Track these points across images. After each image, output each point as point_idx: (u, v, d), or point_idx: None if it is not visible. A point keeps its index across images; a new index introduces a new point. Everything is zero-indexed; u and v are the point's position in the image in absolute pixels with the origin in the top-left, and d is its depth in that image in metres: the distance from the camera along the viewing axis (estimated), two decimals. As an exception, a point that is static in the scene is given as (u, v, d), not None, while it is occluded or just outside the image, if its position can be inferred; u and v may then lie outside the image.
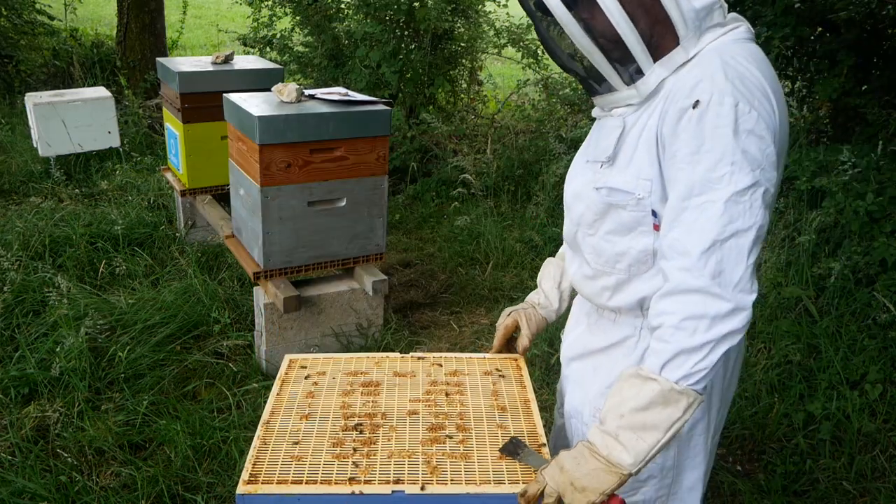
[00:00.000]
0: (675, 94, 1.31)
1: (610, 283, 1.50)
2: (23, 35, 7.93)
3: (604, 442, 1.29)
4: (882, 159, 3.70)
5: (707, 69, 1.28)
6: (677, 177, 1.28)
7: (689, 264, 1.24)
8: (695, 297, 1.24)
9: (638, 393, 1.27)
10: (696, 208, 1.25)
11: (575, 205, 1.54)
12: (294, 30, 6.57)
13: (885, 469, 2.70)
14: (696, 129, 1.25)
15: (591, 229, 1.50)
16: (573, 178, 1.58)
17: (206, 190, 4.29)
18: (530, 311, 1.79)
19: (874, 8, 4.05)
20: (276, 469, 1.44)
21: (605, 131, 1.46)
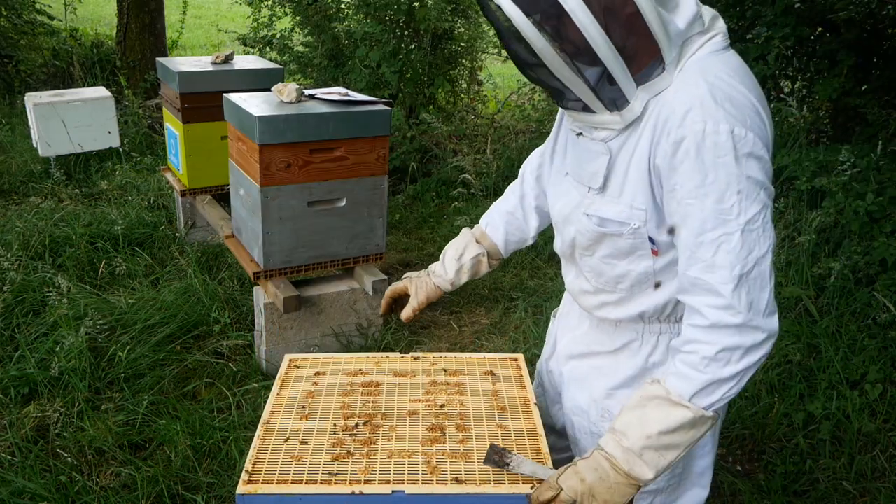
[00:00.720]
0: (664, 121, 1.27)
1: (611, 300, 1.52)
2: (23, 35, 7.93)
3: (625, 457, 1.30)
4: (882, 159, 3.70)
5: (694, 94, 1.25)
6: (687, 212, 1.27)
7: (723, 303, 1.25)
8: (732, 331, 1.26)
9: (666, 417, 1.29)
10: (711, 243, 1.25)
11: (566, 227, 1.53)
12: (294, 30, 6.57)
13: (885, 469, 2.70)
14: (696, 162, 1.24)
15: (587, 251, 1.49)
16: (558, 195, 1.56)
17: (206, 190, 4.29)
18: (424, 279, 1.82)
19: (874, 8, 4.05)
20: (276, 469, 1.44)
21: (587, 154, 1.42)
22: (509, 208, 1.80)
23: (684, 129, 1.24)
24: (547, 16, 1.19)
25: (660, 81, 1.29)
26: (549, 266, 4.34)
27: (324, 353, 1.90)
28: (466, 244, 1.79)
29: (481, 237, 1.81)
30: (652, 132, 1.30)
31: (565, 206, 1.51)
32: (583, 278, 1.55)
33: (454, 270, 1.78)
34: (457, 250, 1.79)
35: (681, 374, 1.30)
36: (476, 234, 1.82)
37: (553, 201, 1.58)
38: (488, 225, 1.81)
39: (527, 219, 1.79)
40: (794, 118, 4.33)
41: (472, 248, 1.78)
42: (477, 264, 1.79)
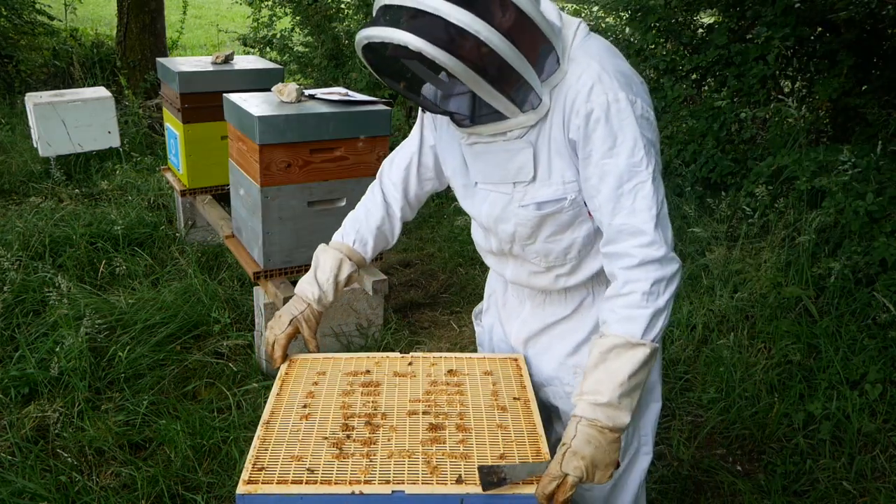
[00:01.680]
0: (571, 102, 1.44)
1: (564, 271, 1.65)
2: (23, 35, 7.94)
3: (607, 414, 1.41)
4: (882, 159, 3.70)
5: (592, 73, 1.43)
6: (605, 171, 1.45)
7: (647, 240, 1.43)
8: (656, 265, 1.43)
9: (630, 360, 1.41)
10: (630, 192, 1.44)
11: (500, 226, 1.63)
12: (294, 30, 6.58)
13: (885, 469, 2.70)
14: (606, 128, 1.42)
15: (529, 240, 1.61)
16: (477, 204, 1.65)
17: (206, 190, 4.29)
18: (307, 313, 1.81)
19: (874, 8, 4.05)
20: (277, 469, 1.44)
21: (505, 154, 1.54)
22: (377, 223, 1.88)
23: (591, 104, 1.42)
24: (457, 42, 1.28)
25: (557, 74, 1.46)
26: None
27: (324, 353, 1.90)
28: (339, 264, 1.82)
29: (350, 253, 1.85)
30: (562, 115, 1.46)
31: (492, 209, 1.62)
32: (528, 264, 1.67)
33: (333, 290, 1.82)
34: (331, 271, 1.81)
35: (626, 317, 1.43)
36: (343, 251, 1.84)
37: (475, 211, 1.68)
38: (356, 241, 1.86)
39: (393, 229, 1.92)
40: (794, 118, 4.33)
41: (346, 266, 1.83)
42: (348, 280, 1.86)
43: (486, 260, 1.84)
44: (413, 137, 1.85)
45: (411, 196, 1.91)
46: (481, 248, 1.80)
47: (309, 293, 1.81)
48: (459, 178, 1.69)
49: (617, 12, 5.17)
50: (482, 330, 2.01)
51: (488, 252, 1.78)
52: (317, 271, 1.82)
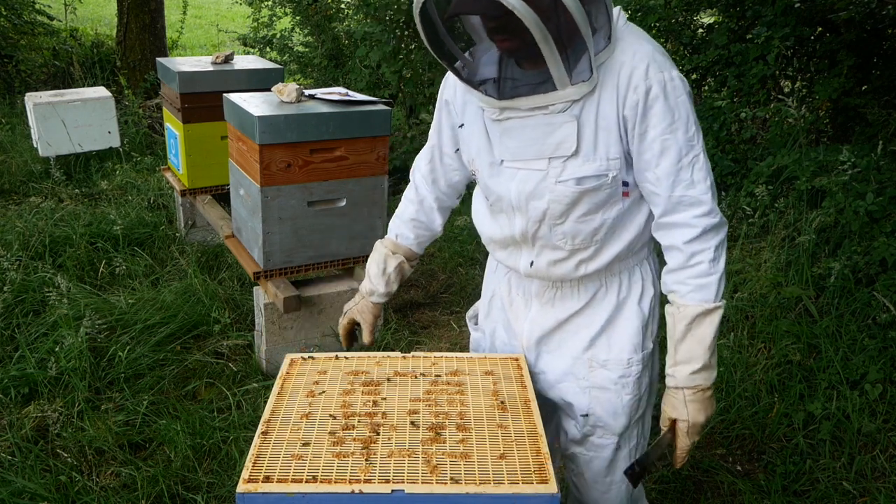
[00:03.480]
0: (627, 78, 1.48)
1: (587, 256, 1.65)
2: (23, 35, 7.94)
3: (703, 377, 1.58)
4: (882, 159, 3.70)
5: (646, 52, 1.49)
6: (665, 146, 1.51)
7: (706, 209, 1.54)
8: (713, 231, 1.56)
9: (711, 324, 1.56)
10: (688, 166, 1.53)
11: (532, 203, 1.61)
12: (294, 30, 6.58)
13: (885, 469, 2.70)
14: (665, 105, 1.49)
15: (560, 219, 1.61)
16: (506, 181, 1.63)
17: (206, 190, 4.29)
18: (362, 304, 1.99)
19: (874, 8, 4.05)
20: (277, 468, 1.44)
21: (545, 129, 1.54)
22: (411, 215, 1.97)
23: (650, 81, 1.48)
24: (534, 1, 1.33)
25: (606, 51, 1.49)
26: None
27: (324, 352, 1.90)
28: (385, 258, 1.96)
29: (395, 247, 1.97)
30: (615, 91, 1.50)
31: (523, 185, 1.61)
32: (549, 251, 1.66)
33: (384, 283, 1.95)
34: (378, 266, 1.96)
35: (698, 286, 1.56)
36: (389, 247, 1.98)
37: (502, 190, 1.65)
38: (398, 236, 1.98)
39: (431, 218, 1.98)
40: (794, 118, 4.34)
41: (391, 259, 1.95)
42: (401, 271, 1.97)
43: (495, 254, 1.81)
44: (433, 131, 1.87)
45: (442, 186, 1.94)
46: (493, 238, 1.77)
47: (364, 287, 1.99)
48: (485, 157, 1.67)
49: (617, 12, 5.17)
50: (481, 335, 1.98)
51: (502, 242, 1.74)
52: (369, 266, 1.98)
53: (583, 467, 1.87)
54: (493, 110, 1.59)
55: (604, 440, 1.80)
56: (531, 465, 1.46)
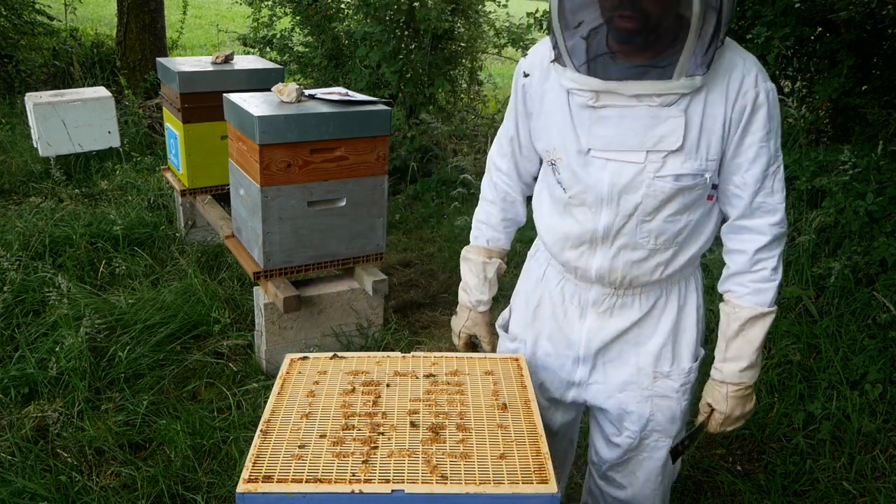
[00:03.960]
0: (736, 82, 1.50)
1: (664, 258, 1.65)
2: (23, 35, 7.93)
3: (749, 375, 1.68)
4: (882, 159, 3.70)
5: (751, 61, 1.52)
6: (759, 153, 1.55)
7: (778, 219, 1.61)
8: (779, 241, 1.64)
9: (762, 327, 1.65)
10: (772, 175, 1.58)
11: (624, 197, 1.57)
12: (294, 30, 6.58)
13: (885, 469, 2.70)
14: (766, 114, 1.52)
15: (650, 215, 1.59)
16: (596, 172, 1.58)
17: (206, 190, 4.29)
18: (473, 318, 1.96)
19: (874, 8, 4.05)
20: (277, 468, 1.44)
21: (649, 121, 1.50)
22: (499, 217, 1.92)
23: (758, 89, 1.51)
24: None
25: (719, 51, 1.48)
26: (549, 266, 4.34)
27: (325, 352, 1.90)
28: (482, 266, 1.92)
29: (488, 253, 1.93)
30: (724, 93, 1.50)
31: (616, 178, 1.56)
32: (630, 251, 1.63)
33: (487, 290, 1.93)
34: (477, 276, 1.92)
35: (756, 290, 1.64)
36: (482, 254, 1.93)
37: (591, 181, 1.59)
38: (489, 241, 1.93)
39: (516, 212, 1.93)
40: (794, 118, 4.33)
41: (489, 266, 1.92)
42: (498, 271, 1.96)
43: (561, 255, 1.73)
44: (509, 123, 1.81)
45: (526, 178, 1.88)
46: (567, 235, 1.69)
47: (466, 301, 1.95)
48: (571, 145, 1.60)
49: (617, 12, 5.18)
50: (520, 345, 1.92)
51: (577, 239, 1.68)
52: (466, 277, 1.94)
53: (636, 468, 1.91)
54: (586, 96, 1.53)
55: (660, 443, 1.85)
56: (531, 465, 1.46)
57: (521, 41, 6.35)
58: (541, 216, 1.78)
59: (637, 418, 1.81)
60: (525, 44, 6.33)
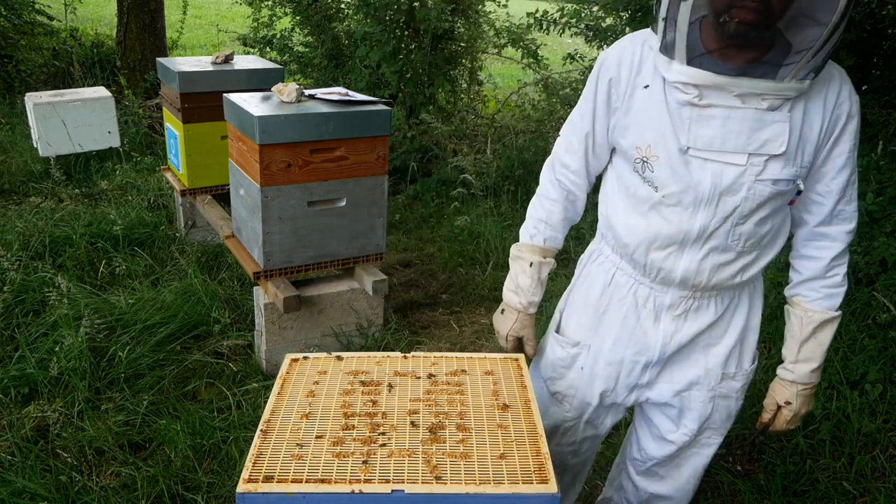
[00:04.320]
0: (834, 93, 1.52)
1: (749, 261, 1.67)
2: (22, 35, 7.93)
3: (818, 375, 1.75)
4: (882, 159, 3.70)
5: (844, 75, 1.55)
6: (845, 163, 1.59)
7: (852, 227, 1.67)
8: (848, 249, 1.69)
9: (831, 330, 1.72)
10: (852, 185, 1.63)
11: (724, 198, 1.57)
12: (294, 30, 6.57)
13: (885, 469, 2.70)
14: (855, 127, 1.57)
15: (744, 218, 1.59)
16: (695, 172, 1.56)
17: (206, 190, 4.29)
18: (522, 320, 1.90)
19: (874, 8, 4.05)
20: (277, 468, 1.44)
21: (753, 123, 1.49)
22: (561, 216, 1.86)
23: (851, 101, 1.54)
24: None
25: None
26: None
27: (325, 352, 1.90)
28: (538, 267, 1.86)
29: (543, 252, 1.87)
30: (823, 101, 1.52)
31: (718, 179, 1.55)
32: (718, 254, 1.64)
33: (540, 291, 1.89)
34: (532, 277, 1.86)
35: (828, 295, 1.71)
36: (538, 253, 1.87)
37: (690, 181, 1.57)
38: (546, 240, 1.87)
39: (577, 210, 1.89)
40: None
41: (545, 266, 1.87)
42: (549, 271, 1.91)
43: (647, 256, 1.69)
44: (583, 119, 1.74)
45: (591, 175, 1.84)
46: (655, 236, 1.65)
47: (516, 302, 1.89)
48: (670, 143, 1.56)
49: (617, 12, 5.17)
50: (580, 350, 1.88)
51: (666, 240, 1.64)
52: (518, 278, 1.87)
53: (681, 463, 1.96)
54: (691, 93, 1.50)
55: (711, 440, 1.91)
56: (531, 465, 1.46)
57: (521, 41, 6.35)
58: (616, 216, 1.73)
59: (698, 416, 1.84)
60: (525, 44, 6.33)
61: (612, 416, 1.96)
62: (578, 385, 1.90)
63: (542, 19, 5.50)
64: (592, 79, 1.69)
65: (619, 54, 1.64)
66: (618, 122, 1.66)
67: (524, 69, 6.84)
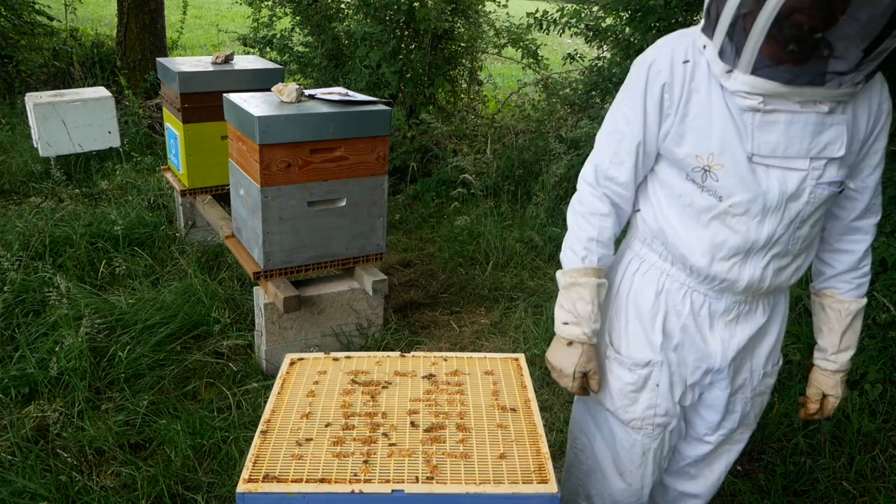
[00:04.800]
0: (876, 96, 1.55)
1: (801, 263, 1.69)
2: (23, 35, 7.94)
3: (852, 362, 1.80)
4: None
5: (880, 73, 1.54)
6: (878, 161, 1.62)
7: (879, 218, 1.71)
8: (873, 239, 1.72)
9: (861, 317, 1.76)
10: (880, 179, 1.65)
11: (790, 204, 1.56)
12: (294, 30, 6.57)
13: (885, 469, 2.70)
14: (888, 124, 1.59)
15: (803, 222, 1.60)
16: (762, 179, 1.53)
17: (206, 190, 4.29)
18: (588, 353, 1.73)
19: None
20: (277, 468, 1.44)
21: (814, 127, 1.50)
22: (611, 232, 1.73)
23: (889, 104, 1.58)
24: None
25: None
26: (549, 266, 4.34)
27: (324, 352, 1.90)
28: (596, 290, 1.71)
29: (598, 273, 1.72)
30: (868, 104, 1.55)
31: (785, 185, 1.54)
32: (778, 259, 1.64)
33: (601, 318, 1.74)
34: (591, 304, 1.70)
35: (858, 285, 1.75)
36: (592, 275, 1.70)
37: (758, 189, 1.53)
38: (600, 259, 1.72)
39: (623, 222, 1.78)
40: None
41: (602, 288, 1.73)
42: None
43: (710, 268, 1.63)
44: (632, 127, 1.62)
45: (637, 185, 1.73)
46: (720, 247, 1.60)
47: (579, 334, 1.71)
48: (736, 151, 1.51)
49: (617, 12, 5.17)
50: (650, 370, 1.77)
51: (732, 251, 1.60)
52: (577, 306, 1.70)
53: (713, 461, 1.98)
54: (755, 99, 1.46)
55: (743, 436, 1.95)
56: (531, 465, 1.46)
57: (521, 41, 6.35)
58: (669, 226, 1.66)
59: (738, 417, 1.87)
60: (525, 44, 6.33)
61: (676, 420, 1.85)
62: (657, 403, 1.79)
63: (542, 19, 5.50)
64: (638, 83, 1.59)
65: (670, 57, 1.55)
66: (671, 129, 1.58)
67: (524, 69, 6.84)
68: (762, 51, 1.41)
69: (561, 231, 4.54)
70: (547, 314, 3.69)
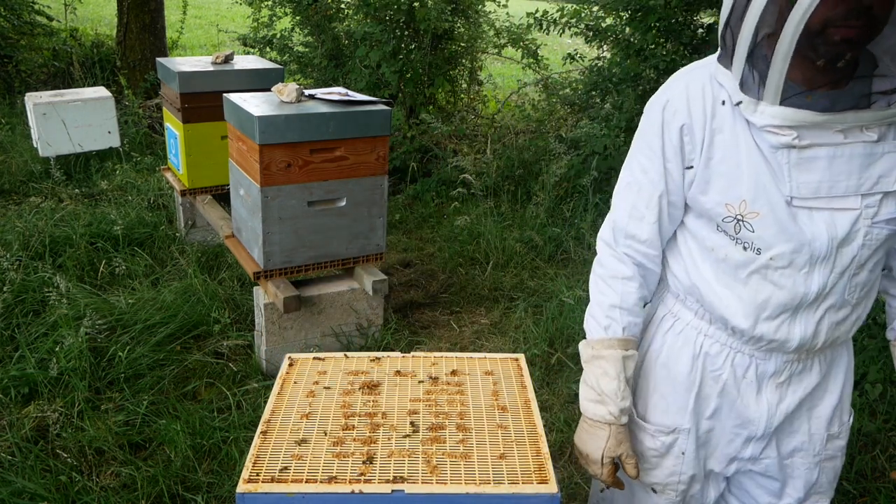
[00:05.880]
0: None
1: (860, 313, 1.47)
2: (22, 35, 7.94)
3: None
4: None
5: None
6: None
7: None
8: None
9: None
10: None
11: (842, 250, 1.35)
12: (294, 30, 6.57)
13: (885, 469, 2.70)
14: None
15: (860, 268, 1.39)
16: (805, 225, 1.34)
17: (206, 190, 4.29)
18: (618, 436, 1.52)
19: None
20: (277, 468, 1.44)
21: (860, 159, 1.30)
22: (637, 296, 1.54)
23: None
24: None
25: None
26: (549, 266, 4.34)
27: (324, 352, 1.90)
28: (623, 364, 1.52)
29: (625, 344, 1.53)
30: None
31: (834, 229, 1.34)
32: (834, 311, 1.42)
33: (630, 392, 1.54)
34: (618, 381, 1.51)
35: None
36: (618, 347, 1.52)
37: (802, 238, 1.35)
38: (625, 329, 1.53)
39: (651, 287, 1.60)
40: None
41: (629, 361, 1.53)
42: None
43: (755, 330, 1.43)
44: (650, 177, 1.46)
45: (665, 241, 1.54)
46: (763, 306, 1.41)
47: (605, 414, 1.52)
48: (773, 196, 1.33)
49: (617, 12, 5.17)
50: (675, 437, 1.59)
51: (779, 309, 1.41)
52: (600, 383, 1.52)
53: None
54: (788, 135, 1.28)
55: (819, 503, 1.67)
56: (531, 465, 1.46)
57: (521, 41, 6.35)
58: (703, 283, 1.47)
59: (803, 484, 1.62)
60: (525, 44, 6.33)
61: (714, 487, 1.67)
62: (682, 470, 1.61)
63: (542, 19, 5.50)
64: (654, 128, 1.43)
65: (685, 94, 1.39)
66: (695, 176, 1.40)
67: (524, 69, 6.84)
68: (790, 75, 1.22)
69: (560, 231, 4.54)
70: (547, 314, 3.69)
